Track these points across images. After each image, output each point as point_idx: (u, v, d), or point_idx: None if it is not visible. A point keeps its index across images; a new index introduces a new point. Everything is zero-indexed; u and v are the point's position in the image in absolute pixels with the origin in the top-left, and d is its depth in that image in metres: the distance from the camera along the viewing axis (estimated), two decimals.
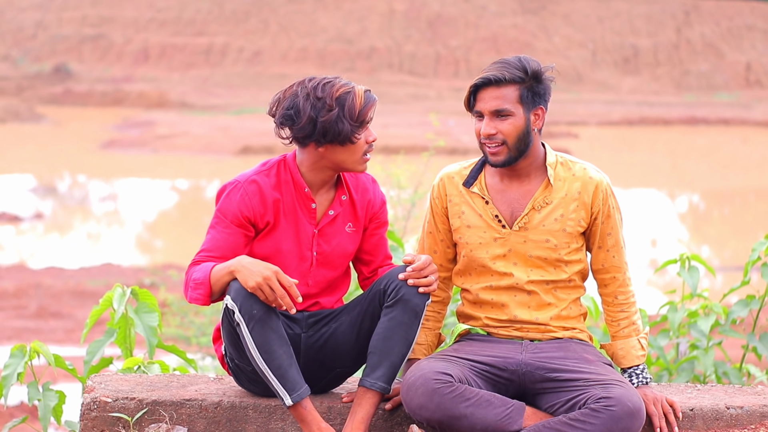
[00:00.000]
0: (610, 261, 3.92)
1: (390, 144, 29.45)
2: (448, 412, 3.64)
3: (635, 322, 3.95)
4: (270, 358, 3.67)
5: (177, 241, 20.34)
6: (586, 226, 3.90)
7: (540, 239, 3.86)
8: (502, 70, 3.80)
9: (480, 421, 3.65)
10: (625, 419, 3.61)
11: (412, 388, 3.69)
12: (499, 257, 3.89)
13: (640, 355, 3.93)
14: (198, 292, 3.71)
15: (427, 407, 3.66)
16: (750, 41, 58.00)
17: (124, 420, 3.83)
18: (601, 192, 3.87)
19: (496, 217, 3.88)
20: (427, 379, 3.67)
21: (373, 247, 3.99)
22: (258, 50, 55.42)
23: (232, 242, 3.79)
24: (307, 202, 3.87)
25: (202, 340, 10.69)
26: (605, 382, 3.70)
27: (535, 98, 3.82)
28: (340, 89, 3.77)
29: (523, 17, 58.82)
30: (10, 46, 56.62)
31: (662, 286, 15.07)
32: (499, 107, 3.80)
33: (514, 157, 3.83)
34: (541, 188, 3.87)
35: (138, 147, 33.39)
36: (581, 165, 3.91)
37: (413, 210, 9.81)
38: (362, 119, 3.78)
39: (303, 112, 3.75)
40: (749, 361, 6.05)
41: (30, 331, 13.52)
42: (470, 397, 3.66)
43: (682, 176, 30.44)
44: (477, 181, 3.92)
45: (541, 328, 3.91)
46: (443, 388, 3.65)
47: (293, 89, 3.80)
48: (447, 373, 3.68)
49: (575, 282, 3.94)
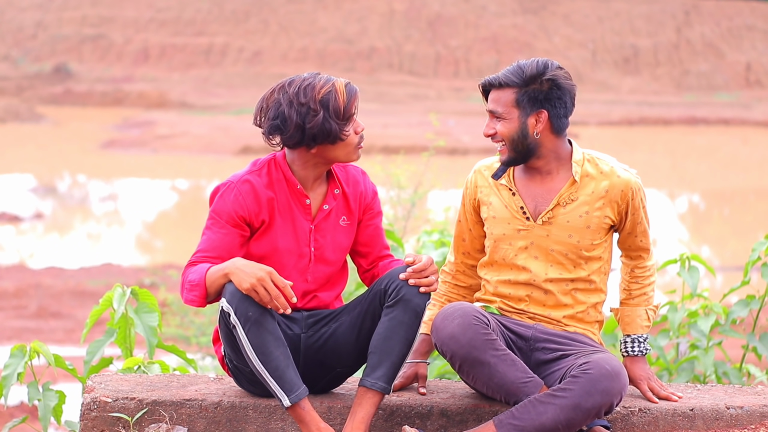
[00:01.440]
0: (638, 244, 4.03)
1: (390, 144, 29.47)
2: (475, 353, 3.69)
3: (647, 293, 4.04)
4: (267, 359, 3.67)
5: (177, 241, 20.34)
6: (615, 222, 3.97)
7: (563, 234, 3.92)
8: (503, 74, 3.89)
9: (501, 375, 3.70)
10: (603, 381, 3.65)
11: (449, 318, 3.73)
12: (521, 249, 3.94)
13: (645, 325, 4.02)
14: (194, 294, 3.72)
15: (459, 339, 3.69)
16: (750, 41, 57.99)
17: (124, 420, 3.83)
18: (630, 190, 3.94)
19: (522, 209, 3.95)
20: (467, 314, 3.72)
21: (369, 238, 4.00)
22: (258, 50, 55.41)
23: (228, 242, 3.80)
24: (301, 198, 3.88)
25: (202, 340, 10.68)
26: (591, 351, 3.79)
27: (534, 103, 3.86)
28: (321, 90, 3.76)
29: (523, 17, 58.82)
30: (10, 46, 56.61)
31: (662, 286, 15.05)
32: (494, 109, 3.91)
33: (514, 158, 3.92)
34: (567, 185, 3.92)
35: (138, 147, 33.38)
36: (609, 163, 3.96)
37: (413, 210, 9.80)
38: (348, 115, 3.80)
39: (289, 121, 3.75)
40: (749, 361, 6.05)
41: (30, 331, 13.52)
42: (499, 349, 3.72)
43: (682, 176, 30.44)
44: (506, 174, 3.99)
45: (553, 322, 3.97)
46: (479, 327, 3.70)
47: (275, 97, 3.79)
48: (485, 316, 3.75)
49: (595, 284, 3.98)
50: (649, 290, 4.05)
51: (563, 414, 3.65)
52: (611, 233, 4.00)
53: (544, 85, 3.86)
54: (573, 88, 3.91)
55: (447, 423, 3.92)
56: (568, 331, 3.95)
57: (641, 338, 4.02)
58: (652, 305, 4.05)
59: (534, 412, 3.67)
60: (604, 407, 3.68)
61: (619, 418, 3.90)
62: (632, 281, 4.04)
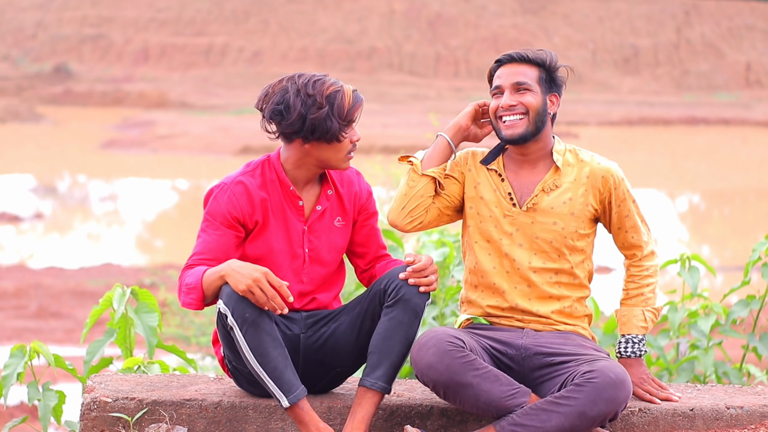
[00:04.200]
0: (630, 241, 4.02)
1: (390, 144, 29.48)
2: (456, 377, 3.66)
3: (644, 293, 4.01)
4: (265, 360, 3.67)
5: (177, 241, 20.34)
6: (598, 211, 3.98)
7: (547, 221, 3.93)
8: (531, 51, 3.99)
9: (485, 393, 3.67)
10: (608, 390, 3.63)
11: (424, 348, 3.70)
12: (506, 235, 3.95)
13: (641, 326, 3.99)
14: (191, 296, 3.72)
15: (436, 368, 3.67)
16: (750, 41, 58.00)
17: (124, 420, 3.83)
18: (612, 177, 3.97)
19: (509, 195, 3.97)
20: (440, 340, 3.69)
21: (365, 238, 4.01)
22: (258, 50, 55.42)
23: (223, 243, 3.80)
24: (294, 199, 3.88)
25: (202, 340, 10.69)
26: (593, 358, 3.76)
27: (552, 85, 3.99)
28: (330, 87, 3.79)
29: (523, 17, 58.82)
30: (10, 46, 56.62)
31: (662, 286, 15.04)
32: (520, 80, 3.95)
33: (531, 132, 3.95)
34: (550, 172, 3.97)
35: (138, 147, 33.39)
36: (590, 153, 4.03)
37: None
38: (350, 118, 3.82)
39: (293, 108, 3.77)
40: (749, 361, 6.05)
41: (30, 331, 13.52)
42: (479, 368, 3.69)
43: (682, 176, 30.44)
44: (495, 160, 4.02)
45: (542, 320, 3.95)
46: (455, 352, 3.67)
47: (282, 84, 3.82)
48: (460, 338, 3.72)
49: (579, 279, 3.98)
50: (647, 291, 4.01)
51: (568, 422, 3.63)
52: (596, 228, 4.01)
53: (561, 72, 4.01)
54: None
55: (447, 423, 3.92)
56: (560, 330, 3.94)
57: (636, 339, 3.98)
58: (652, 307, 4.01)
59: (537, 419, 3.65)
60: (609, 415, 3.66)
61: (619, 418, 3.89)
62: (629, 280, 4.04)
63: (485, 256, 3.98)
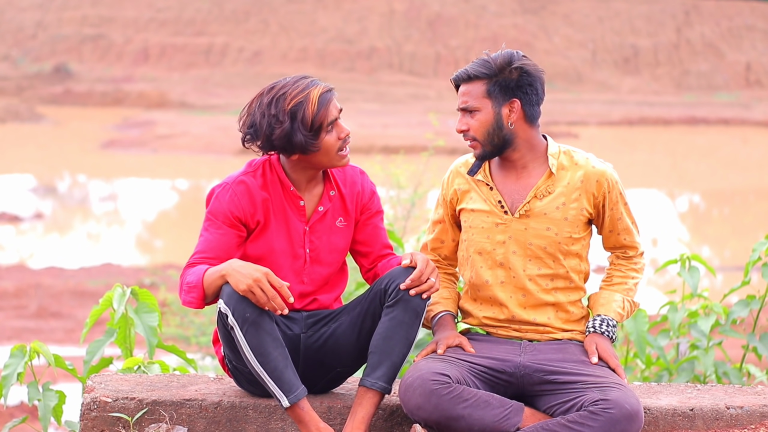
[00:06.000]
0: (622, 242, 4.00)
1: (390, 144, 29.49)
2: (446, 413, 3.64)
3: (628, 283, 3.99)
4: (265, 360, 3.67)
5: (177, 241, 20.35)
6: (592, 215, 3.93)
7: (541, 227, 3.88)
8: (471, 67, 3.88)
9: (478, 421, 3.65)
10: (623, 422, 3.60)
11: (410, 388, 3.68)
12: (499, 244, 3.91)
13: (618, 312, 3.94)
14: (191, 295, 3.72)
15: (425, 408, 3.65)
16: (750, 41, 57.98)
17: (124, 420, 3.83)
18: (605, 181, 3.91)
19: (500, 203, 3.91)
20: (425, 380, 3.66)
21: (369, 237, 3.99)
22: (258, 50, 55.40)
23: (225, 243, 3.80)
24: (295, 200, 3.88)
25: (202, 340, 10.69)
26: (603, 384, 3.70)
27: (506, 92, 3.85)
28: (292, 101, 3.76)
29: (523, 17, 58.81)
30: (10, 46, 56.61)
31: (662, 286, 15.06)
32: (464, 104, 3.89)
33: (489, 152, 3.89)
34: (543, 177, 3.90)
35: (138, 147, 33.39)
36: (584, 155, 3.95)
37: (413, 210, 9.80)
38: (318, 125, 3.77)
39: (260, 130, 3.79)
40: (749, 361, 6.06)
41: (30, 331, 13.52)
42: (468, 398, 3.66)
43: (682, 176, 30.44)
44: (481, 169, 3.95)
45: (540, 329, 3.91)
46: (441, 389, 3.65)
47: (252, 106, 3.83)
48: (445, 374, 3.68)
49: (575, 282, 3.94)
50: (631, 282, 3.99)
51: None
52: (590, 230, 3.97)
53: (513, 74, 3.85)
54: (542, 76, 3.90)
55: None
56: (558, 340, 3.91)
57: (612, 322, 3.91)
58: (632, 299, 3.98)
59: None
60: None
61: None
62: (615, 269, 4.01)
63: (480, 268, 3.94)
